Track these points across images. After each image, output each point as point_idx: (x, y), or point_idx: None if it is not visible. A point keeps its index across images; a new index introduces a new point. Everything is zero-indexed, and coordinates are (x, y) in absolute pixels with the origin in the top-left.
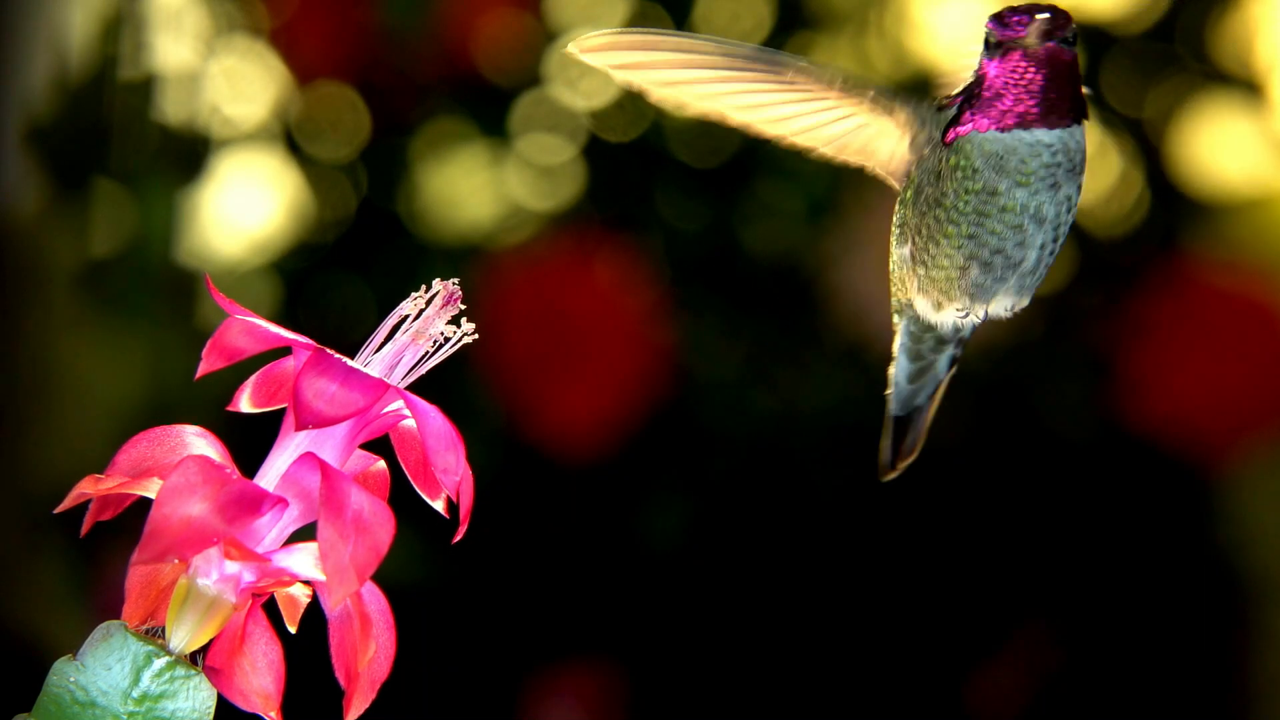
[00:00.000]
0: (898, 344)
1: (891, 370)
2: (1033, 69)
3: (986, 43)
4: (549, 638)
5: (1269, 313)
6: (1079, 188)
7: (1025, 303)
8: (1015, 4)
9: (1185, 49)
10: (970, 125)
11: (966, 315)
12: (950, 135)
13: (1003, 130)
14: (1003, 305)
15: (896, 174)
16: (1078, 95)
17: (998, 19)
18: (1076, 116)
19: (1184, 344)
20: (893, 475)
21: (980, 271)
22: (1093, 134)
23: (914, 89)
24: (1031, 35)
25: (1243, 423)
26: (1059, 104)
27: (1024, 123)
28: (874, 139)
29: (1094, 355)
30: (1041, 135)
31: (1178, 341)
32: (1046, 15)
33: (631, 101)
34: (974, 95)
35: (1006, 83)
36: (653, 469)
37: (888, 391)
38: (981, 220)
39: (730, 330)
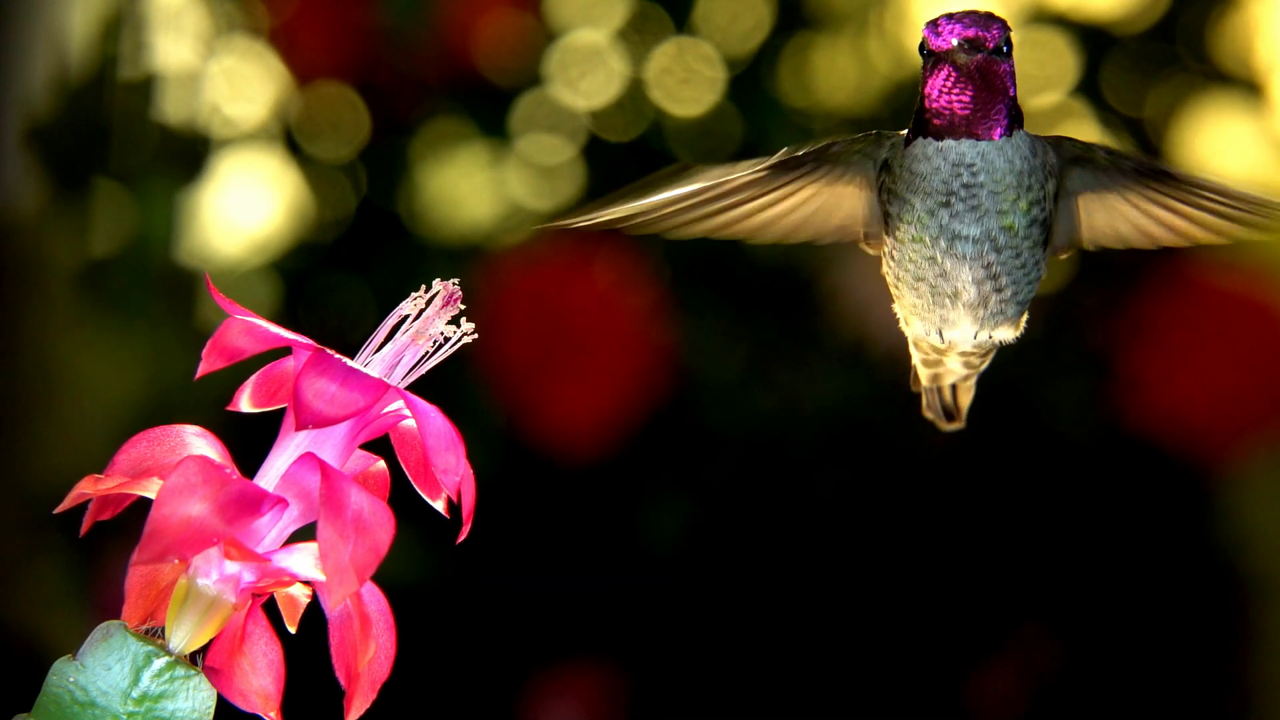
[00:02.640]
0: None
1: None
2: (963, 82)
3: (922, 50)
4: (549, 638)
5: (1269, 313)
6: (1033, 220)
7: (998, 336)
8: (952, 11)
9: (1185, 49)
10: (908, 142)
11: (927, 336)
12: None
13: (935, 139)
14: (963, 335)
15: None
16: (1013, 105)
17: (933, 26)
18: (1010, 126)
19: (1184, 344)
20: (957, 425)
21: (914, 295)
22: (1091, 135)
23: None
24: (960, 50)
25: (1243, 423)
26: (989, 115)
27: (952, 134)
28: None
29: (1094, 355)
30: (966, 150)
31: (1178, 341)
32: (977, 26)
33: (632, 101)
34: (917, 109)
35: (939, 94)
36: (653, 469)
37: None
38: (901, 245)
39: (730, 330)
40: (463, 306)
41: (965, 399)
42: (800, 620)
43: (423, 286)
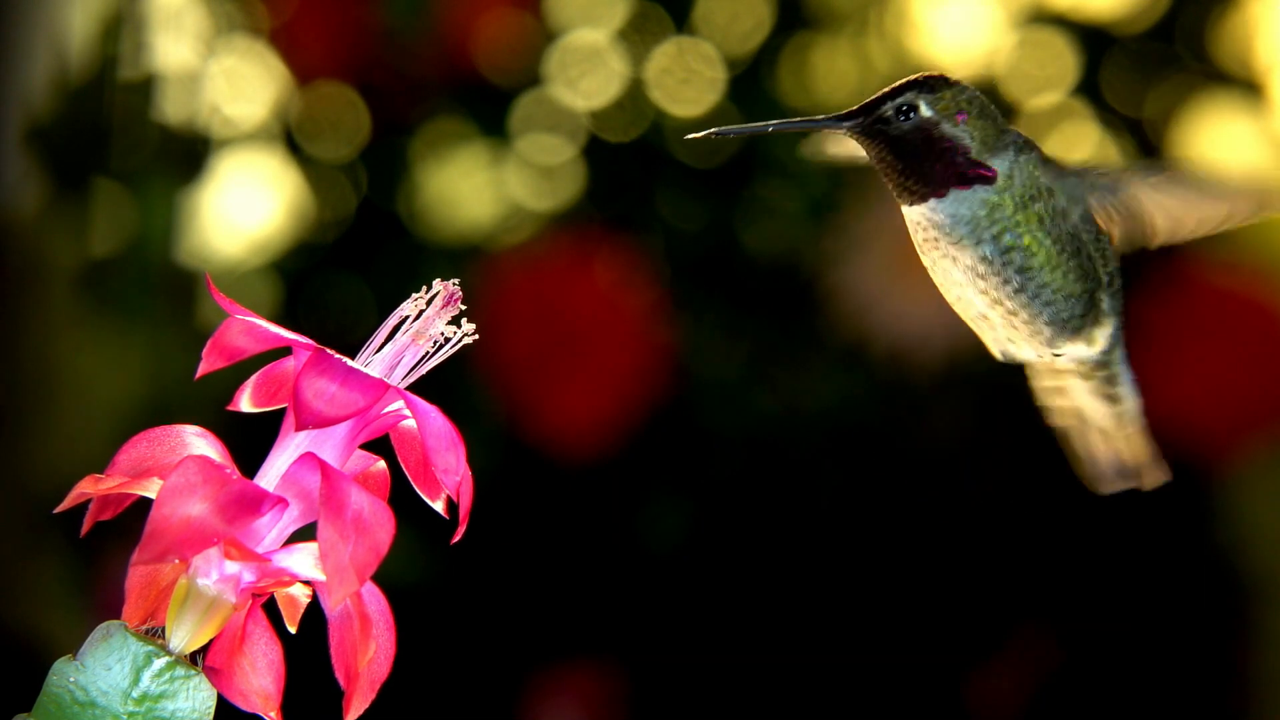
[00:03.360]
0: None
1: None
2: (897, 150)
3: (879, 122)
4: (549, 638)
5: (1269, 313)
6: (1008, 247)
7: (1070, 350)
8: (906, 77)
9: (1185, 49)
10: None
11: (1009, 351)
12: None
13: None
14: (1026, 352)
15: None
16: (964, 160)
17: (873, 103)
18: (964, 179)
19: (1184, 344)
20: (1136, 483)
21: (958, 308)
22: (1091, 134)
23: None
24: (895, 122)
25: (1243, 423)
26: (937, 175)
27: (906, 201)
28: None
29: None
30: (923, 212)
31: (1178, 341)
32: (904, 93)
33: (632, 101)
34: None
35: (884, 165)
36: (653, 469)
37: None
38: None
39: (730, 330)
40: (463, 307)
41: (1138, 446)
42: (800, 620)
43: (423, 287)
